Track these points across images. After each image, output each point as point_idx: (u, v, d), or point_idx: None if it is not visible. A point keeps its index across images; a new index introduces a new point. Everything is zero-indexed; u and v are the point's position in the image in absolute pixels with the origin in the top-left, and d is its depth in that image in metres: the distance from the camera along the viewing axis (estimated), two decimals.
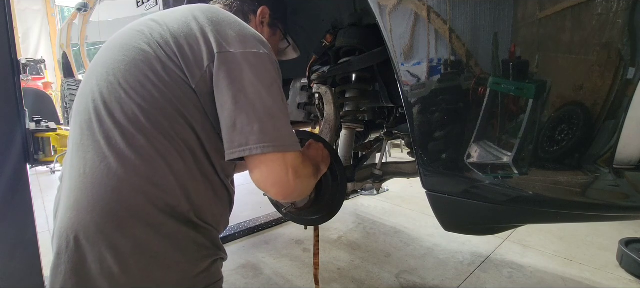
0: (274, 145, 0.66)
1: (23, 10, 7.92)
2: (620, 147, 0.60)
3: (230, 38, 0.71)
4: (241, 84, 0.67)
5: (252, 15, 0.93)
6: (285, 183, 0.68)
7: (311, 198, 1.03)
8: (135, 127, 0.67)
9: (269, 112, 0.67)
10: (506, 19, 0.62)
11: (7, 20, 1.44)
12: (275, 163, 0.67)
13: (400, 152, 5.24)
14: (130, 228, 0.65)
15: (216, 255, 0.79)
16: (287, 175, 0.67)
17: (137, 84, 0.68)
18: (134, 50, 0.71)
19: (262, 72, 0.69)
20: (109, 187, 0.65)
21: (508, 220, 0.84)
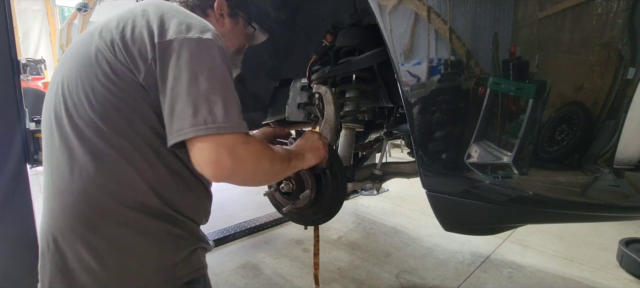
0: (207, 127, 0.66)
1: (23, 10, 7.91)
2: (620, 147, 0.60)
3: (173, 27, 0.71)
4: (178, 70, 0.68)
5: (210, 10, 0.94)
6: (217, 164, 0.67)
7: (311, 198, 1.03)
8: (93, 131, 0.70)
9: (204, 96, 0.67)
10: (506, 19, 0.62)
11: (7, 20, 1.44)
12: (207, 145, 0.67)
13: (400, 152, 5.24)
14: (102, 227, 0.70)
15: (195, 244, 0.81)
16: (220, 155, 0.66)
17: (90, 89, 0.71)
18: (84, 55, 0.74)
19: (200, 57, 0.69)
20: (74, 191, 0.70)
21: (508, 220, 0.84)
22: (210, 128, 0.66)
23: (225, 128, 0.67)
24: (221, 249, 2.50)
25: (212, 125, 0.66)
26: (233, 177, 0.70)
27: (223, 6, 0.95)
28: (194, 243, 0.81)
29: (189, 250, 0.79)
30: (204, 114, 0.66)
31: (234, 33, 0.99)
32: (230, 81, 0.72)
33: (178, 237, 0.77)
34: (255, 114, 1.68)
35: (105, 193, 0.70)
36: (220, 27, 0.95)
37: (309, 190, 1.02)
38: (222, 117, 0.67)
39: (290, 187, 1.04)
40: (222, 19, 0.96)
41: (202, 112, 0.66)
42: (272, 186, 1.10)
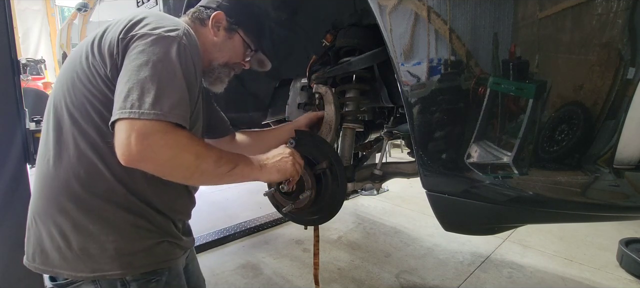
0: (129, 112, 0.67)
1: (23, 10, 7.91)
2: (620, 147, 0.60)
3: (141, 25, 0.76)
4: (129, 60, 0.72)
5: (207, 20, 0.98)
6: (126, 146, 0.67)
7: (311, 198, 1.03)
8: (71, 123, 0.78)
9: (139, 83, 0.69)
10: (506, 19, 0.62)
11: (7, 20, 1.44)
12: (122, 127, 0.68)
13: (400, 152, 5.24)
14: (69, 211, 0.78)
15: (161, 238, 0.85)
16: (130, 138, 0.67)
17: (71, 86, 0.79)
18: (75, 57, 0.82)
19: (152, 49, 0.72)
20: (48, 177, 0.79)
21: (508, 220, 0.84)
22: (132, 112, 0.67)
23: (147, 114, 0.68)
24: (221, 249, 2.50)
25: (136, 110, 0.67)
26: (142, 163, 0.70)
27: (220, 19, 0.98)
28: (160, 236, 0.84)
29: (153, 241, 0.83)
30: (133, 99, 0.68)
31: (225, 46, 1.00)
32: (177, 75, 0.74)
33: (141, 228, 0.81)
34: (255, 114, 1.68)
35: (75, 181, 0.77)
36: (213, 37, 0.98)
37: (309, 190, 1.02)
38: (149, 105, 0.68)
39: (291, 187, 1.04)
40: (217, 30, 0.99)
41: (131, 97, 0.69)
42: (272, 186, 1.10)
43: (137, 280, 0.81)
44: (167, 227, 0.87)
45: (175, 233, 0.89)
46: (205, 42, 0.97)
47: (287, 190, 1.05)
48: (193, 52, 0.80)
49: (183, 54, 0.76)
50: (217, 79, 1.03)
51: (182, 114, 0.73)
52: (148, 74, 0.70)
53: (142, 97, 0.69)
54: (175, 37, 0.76)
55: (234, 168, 0.81)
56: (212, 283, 2.05)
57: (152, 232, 0.83)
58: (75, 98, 0.78)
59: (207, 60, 1.00)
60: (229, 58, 1.03)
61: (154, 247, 0.83)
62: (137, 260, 0.81)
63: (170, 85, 0.72)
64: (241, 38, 1.02)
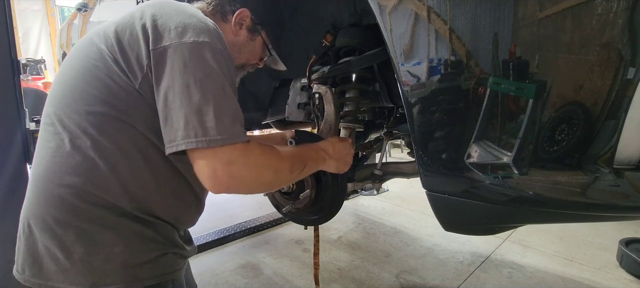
0: (197, 141, 0.66)
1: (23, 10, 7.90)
2: (620, 147, 0.60)
3: (169, 31, 0.70)
4: (171, 79, 0.67)
5: (231, 16, 0.91)
6: (214, 179, 0.67)
7: (311, 198, 1.03)
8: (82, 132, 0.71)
9: (195, 107, 0.66)
10: (506, 19, 0.62)
11: (7, 20, 1.44)
12: (203, 160, 0.67)
13: (400, 152, 5.24)
14: (71, 221, 0.71)
15: (167, 249, 0.80)
16: (216, 171, 0.67)
17: (84, 93, 0.72)
18: (85, 60, 0.74)
19: (194, 64, 0.68)
20: (51, 183, 0.72)
21: (508, 220, 0.84)
22: (200, 141, 0.65)
23: (216, 141, 0.66)
24: (221, 249, 2.50)
25: (203, 138, 0.66)
26: (232, 190, 0.70)
27: (245, 17, 0.91)
28: (166, 247, 0.80)
29: (158, 253, 0.78)
30: (195, 125, 0.66)
31: (245, 47, 0.94)
32: (225, 87, 0.70)
33: (148, 239, 0.77)
34: (255, 114, 1.68)
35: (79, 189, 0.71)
36: (234, 35, 0.92)
37: (309, 190, 1.03)
38: (213, 129, 0.66)
39: (290, 187, 1.04)
40: (238, 29, 0.92)
41: (192, 123, 0.66)
42: None
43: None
44: (173, 236, 0.83)
45: (180, 243, 0.85)
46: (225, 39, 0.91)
47: (287, 190, 1.05)
48: (228, 53, 0.76)
49: (222, 60, 0.72)
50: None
51: (242, 128, 0.71)
52: (200, 95, 0.66)
53: (202, 121, 0.66)
54: (209, 43, 0.71)
55: (304, 169, 0.83)
56: (212, 283, 2.05)
57: (158, 242, 0.79)
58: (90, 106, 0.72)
59: None
60: (247, 60, 0.97)
61: (159, 258, 0.79)
62: (142, 273, 0.76)
63: (224, 102, 0.69)
64: (262, 39, 0.96)
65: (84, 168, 0.71)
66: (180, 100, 0.66)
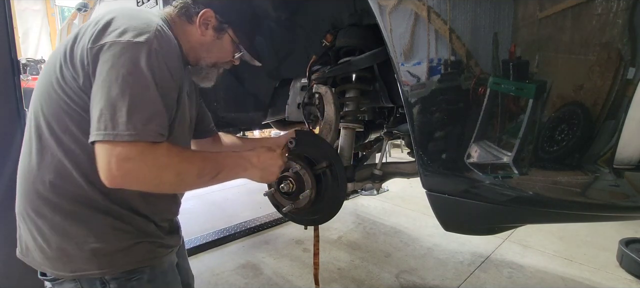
0: (105, 133, 0.68)
1: (23, 10, 7.90)
2: (620, 147, 0.60)
3: (111, 31, 0.74)
4: (100, 74, 0.71)
5: (195, 17, 0.92)
6: (107, 171, 0.69)
7: (311, 198, 1.03)
8: (48, 131, 0.78)
9: (111, 102, 0.69)
10: (506, 19, 0.62)
11: (7, 20, 1.44)
12: (101, 152, 0.70)
13: (400, 152, 5.24)
14: (46, 213, 0.79)
15: (140, 239, 0.85)
16: (110, 164, 0.69)
17: (45, 94, 0.79)
18: (50, 63, 0.81)
19: (122, 62, 0.71)
20: (28, 180, 0.81)
21: (508, 220, 0.84)
22: (107, 134, 0.68)
23: (122, 135, 0.68)
24: (221, 249, 2.50)
25: (110, 132, 0.68)
26: (125, 185, 0.72)
27: (209, 17, 0.92)
28: (138, 237, 0.84)
29: (131, 242, 0.83)
30: (106, 119, 0.69)
31: (213, 47, 0.96)
32: (149, 87, 0.72)
33: (119, 230, 0.82)
34: (255, 114, 1.68)
35: (49, 185, 0.78)
36: (200, 36, 0.93)
37: (309, 190, 1.02)
38: (122, 125, 0.68)
39: (290, 187, 1.04)
40: (204, 29, 0.93)
41: (104, 117, 0.69)
42: (272, 186, 1.10)
43: (117, 279, 0.82)
44: (147, 228, 0.87)
45: (156, 233, 0.89)
46: (191, 41, 0.93)
47: (287, 190, 1.05)
48: (167, 55, 0.77)
49: (155, 60, 0.74)
50: (205, 77, 1.00)
51: (157, 128, 0.73)
52: (118, 91, 0.69)
53: (114, 116, 0.69)
54: (144, 43, 0.73)
55: (218, 175, 0.83)
56: (212, 283, 2.05)
57: (130, 233, 0.83)
58: (52, 108, 0.78)
59: (194, 58, 0.96)
60: (217, 58, 0.99)
61: (132, 247, 0.83)
62: (115, 260, 0.81)
63: (142, 100, 0.71)
64: (230, 38, 0.97)
65: (53, 165, 0.78)
66: (101, 94, 0.70)
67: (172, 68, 0.79)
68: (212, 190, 3.78)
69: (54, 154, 0.78)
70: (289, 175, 1.04)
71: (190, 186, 0.83)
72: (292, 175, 1.04)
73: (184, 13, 0.92)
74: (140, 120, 0.70)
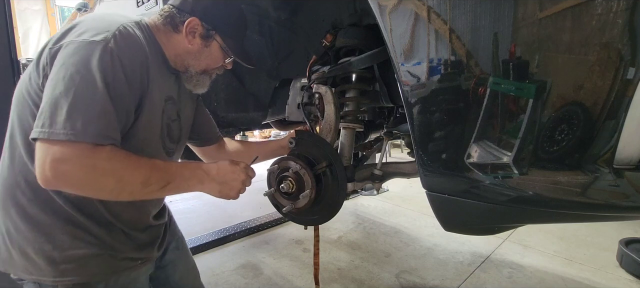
0: (41, 131, 0.66)
1: (23, 10, 7.89)
2: (620, 147, 0.60)
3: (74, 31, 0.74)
4: (53, 72, 0.70)
5: (181, 26, 0.90)
6: (41, 171, 0.67)
7: (311, 198, 1.03)
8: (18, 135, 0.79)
9: (54, 99, 0.67)
10: (506, 19, 0.62)
11: (7, 20, 1.44)
12: (38, 150, 0.67)
13: (400, 152, 5.24)
14: (12, 214, 0.80)
15: (100, 251, 0.83)
16: (44, 163, 0.66)
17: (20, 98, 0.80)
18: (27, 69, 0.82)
19: (73, 60, 0.69)
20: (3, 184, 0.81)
21: (508, 220, 0.84)
22: (43, 132, 0.66)
23: (57, 134, 0.66)
24: (221, 249, 2.50)
25: (46, 130, 0.66)
26: (58, 186, 0.70)
27: (195, 26, 0.90)
28: (99, 249, 0.83)
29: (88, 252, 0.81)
30: (45, 117, 0.67)
31: (202, 54, 0.94)
32: (97, 86, 0.70)
33: (78, 238, 0.81)
34: (255, 114, 1.68)
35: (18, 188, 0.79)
36: (188, 44, 0.92)
37: (309, 190, 1.02)
38: (60, 124, 0.66)
39: (290, 187, 1.04)
40: (192, 38, 0.91)
41: (44, 114, 0.67)
42: (272, 186, 1.10)
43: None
44: (111, 240, 0.85)
45: (120, 247, 0.86)
46: (178, 49, 0.92)
47: (287, 190, 1.05)
48: (125, 56, 0.75)
49: (108, 60, 0.71)
50: (197, 84, 0.99)
51: (100, 130, 0.69)
52: (62, 89, 0.67)
53: (53, 115, 0.66)
54: (100, 42, 0.71)
55: (167, 185, 0.79)
56: (212, 283, 2.05)
57: (88, 243, 0.81)
58: (20, 110, 0.79)
59: (182, 66, 0.95)
60: (207, 65, 0.97)
61: (89, 258, 0.81)
62: (69, 271, 0.80)
63: (86, 100, 0.68)
64: (218, 44, 0.95)
65: (20, 168, 0.79)
66: (46, 92, 0.69)
67: (130, 69, 0.76)
68: None
69: (21, 157, 0.78)
70: (289, 175, 1.04)
71: (134, 195, 0.77)
72: (292, 175, 1.04)
73: (169, 22, 0.90)
74: (80, 120, 0.67)
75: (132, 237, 0.91)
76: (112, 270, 0.86)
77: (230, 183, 0.90)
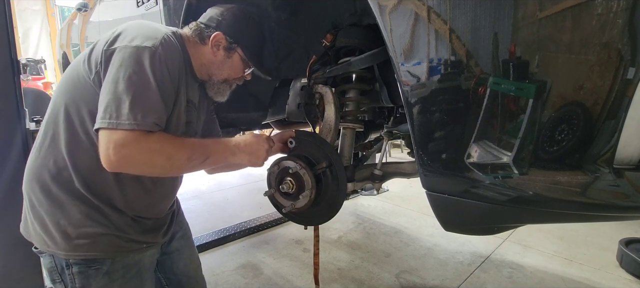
0: (108, 122, 0.78)
1: (23, 10, 7.90)
2: (620, 147, 0.60)
3: (123, 38, 0.86)
4: (110, 73, 0.82)
5: (208, 39, 1.01)
6: (105, 156, 0.79)
7: (311, 198, 1.03)
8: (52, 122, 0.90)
9: (116, 95, 0.79)
10: (506, 19, 0.62)
11: (7, 20, 1.44)
12: (101, 137, 0.80)
13: (400, 152, 5.24)
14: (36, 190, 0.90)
15: (108, 230, 0.92)
16: (108, 149, 0.78)
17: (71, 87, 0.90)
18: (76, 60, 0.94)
19: (129, 62, 0.82)
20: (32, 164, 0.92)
21: (508, 220, 0.84)
22: (110, 122, 0.78)
23: (122, 124, 0.78)
24: (221, 249, 2.50)
25: (112, 121, 0.78)
26: (122, 168, 0.82)
27: (220, 39, 1.01)
28: (108, 229, 0.92)
29: (98, 230, 0.90)
30: (111, 110, 0.79)
31: (224, 65, 1.04)
32: (150, 85, 0.83)
33: (91, 218, 0.90)
34: (256, 114, 1.68)
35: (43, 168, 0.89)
36: (213, 56, 1.02)
37: (309, 190, 1.02)
38: (124, 115, 0.78)
39: (290, 187, 1.04)
40: (216, 50, 1.02)
41: (110, 108, 0.79)
42: (272, 186, 1.10)
43: (78, 264, 0.91)
44: (119, 222, 0.94)
45: (127, 229, 0.95)
46: (203, 59, 1.03)
47: (287, 190, 1.05)
48: (169, 60, 0.88)
49: (157, 63, 0.84)
50: (218, 92, 1.09)
51: (154, 120, 0.83)
52: (123, 87, 0.80)
53: (118, 108, 0.79)
54: (150, 48, 0.84)
55: (207, 159, 0.92)
56: (212, 283, 2.05)
57: (100, 223, 0.91)
58: (64, 100, 0.89)
59: (206, 75, 1.05)
60: (228, 75, 1.07)
61: (98, 236, 0.90)
62: (81, 246, 0.89)
63: (143, 95, 0.81)
64: (240, 56, 1.05)
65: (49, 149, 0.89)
66: (109, 88, 0.80)
67: (172, 72, 0.89)
68: (212, 190, 3.78)
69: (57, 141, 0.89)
70: (289, 175, 1.04)
71: (182, 169, 0.92)
72: (292, 175, 1.04)
73: (198, 35, 1.02)
74: (139, 113, 0.80)
75: (139, 221, 0.99)
76: (118, 249, 0.94)
77: (256, 153, 1.00)
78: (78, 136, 0.88)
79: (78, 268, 0.90)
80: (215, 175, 4.10)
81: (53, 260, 0.92)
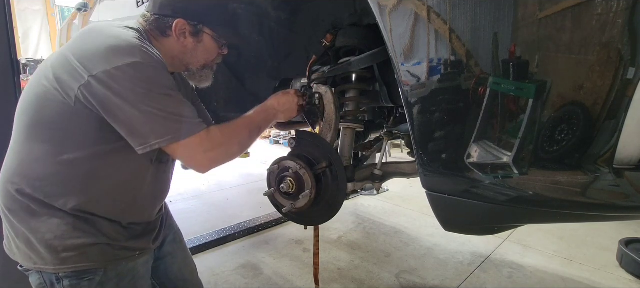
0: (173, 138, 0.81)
1: (23, 10, 7.89)
2: (620, 147, 0.60)
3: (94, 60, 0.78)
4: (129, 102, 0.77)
5: (170, 30, 0.94)
6: (198, 162, 0.86)
7: (311, 198, 1.03)
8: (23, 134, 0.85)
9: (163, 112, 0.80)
10: (506, 19, 0.62)
11: (7, 20, 1.44)
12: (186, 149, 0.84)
13: (400, 152, 5.24)
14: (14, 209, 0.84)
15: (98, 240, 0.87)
16: (197, 155, 0.85)
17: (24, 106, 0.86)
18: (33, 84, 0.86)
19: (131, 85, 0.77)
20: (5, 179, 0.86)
21: (508, 220, 0.84)
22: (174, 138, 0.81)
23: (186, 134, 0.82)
24: (221, 249, 2.50)
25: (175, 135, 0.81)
26: (214, 167, 0.88)
27: (183, 25, 0.94)
28: (97, 238, 0.87)
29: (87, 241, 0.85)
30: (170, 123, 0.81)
31: (197, 51, 0.99)
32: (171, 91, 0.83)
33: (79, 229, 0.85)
34: None
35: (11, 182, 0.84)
36: (181, 46, 0.96)
37: (309, 190, 1.02)
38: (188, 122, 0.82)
39: (290, 187, 1.04)
40: (183, 38, 0.95)
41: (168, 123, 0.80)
42: (272, 186, 1.10)
43: (69, 278, 0.85)
44: (109, 230, 0.89)
45: (117, 236, 0.91)
46: (173, 52, 0.96)
47: (287, 190, 1.05)
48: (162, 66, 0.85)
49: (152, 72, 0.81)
50: (201, 79, 1.06)
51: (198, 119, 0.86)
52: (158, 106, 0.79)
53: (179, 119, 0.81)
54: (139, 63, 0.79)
55: (260, 129, 1.00)
56: (212, 283, 2.05)
57: (88, 233, 0.86)
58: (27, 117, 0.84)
59: (182, 66, 1.00)
60: (206, 59, 1.03)
61: (88, 247, 0.86)
62: (69, 259, 0.84)
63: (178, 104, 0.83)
64: (210, 36, 0.99)
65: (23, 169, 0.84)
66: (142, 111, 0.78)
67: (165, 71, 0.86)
68: (212, 190, 3.78)
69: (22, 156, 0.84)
70: (288, 175, 1.04)
71: (249, 146, 0.99)
72: (292, 175, 1.04)
73: (156, 27, 0.94)
74: (188, 118, 0.83)
75: (128, 228, 0.95)
76: (109, 259, 0.90)
77: (290, 108, 1.08)
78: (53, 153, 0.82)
79: (69, 282, 0.85)
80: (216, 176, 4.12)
81: (41, 276, 0.86)
